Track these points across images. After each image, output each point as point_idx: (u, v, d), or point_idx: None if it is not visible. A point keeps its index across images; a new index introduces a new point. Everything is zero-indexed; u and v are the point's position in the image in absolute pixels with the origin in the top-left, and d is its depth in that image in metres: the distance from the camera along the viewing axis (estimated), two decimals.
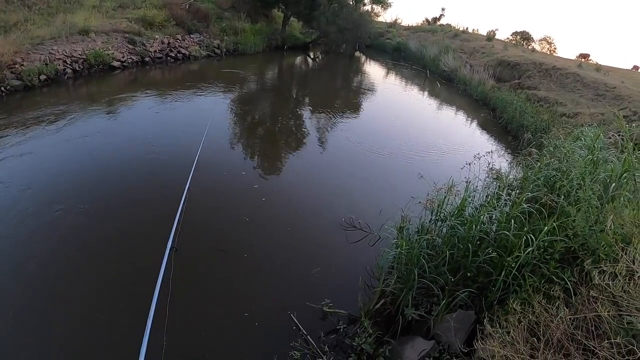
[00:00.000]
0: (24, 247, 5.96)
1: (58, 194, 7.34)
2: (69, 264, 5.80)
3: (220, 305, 5.47)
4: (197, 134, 10.55)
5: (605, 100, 16.36)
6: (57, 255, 5.90)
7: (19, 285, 5.33)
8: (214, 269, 6.12)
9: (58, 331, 4.73)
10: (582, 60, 31.94)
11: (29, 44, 14.42)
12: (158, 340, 4.64)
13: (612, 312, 3.34)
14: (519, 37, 43.59)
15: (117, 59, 17.41)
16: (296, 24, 36.86)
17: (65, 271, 5.66)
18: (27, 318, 4.83)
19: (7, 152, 8.60)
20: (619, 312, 3.38)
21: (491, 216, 5.78)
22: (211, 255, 6.40)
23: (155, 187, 8.19)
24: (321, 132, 13.29)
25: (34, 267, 5.60)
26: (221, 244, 6.67)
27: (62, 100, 12.41)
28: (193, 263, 6.13)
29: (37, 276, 5.47)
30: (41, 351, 4.47)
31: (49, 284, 5.39)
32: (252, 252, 6.56)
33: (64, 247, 6.08)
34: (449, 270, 5.04)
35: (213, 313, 5.30)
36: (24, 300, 5.10)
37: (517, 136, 14.90)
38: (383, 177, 10.23)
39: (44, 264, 5.69)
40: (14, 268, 5.55)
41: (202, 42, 23.55)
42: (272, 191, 8.73)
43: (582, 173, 6.30)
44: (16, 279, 5.40)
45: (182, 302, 5.36)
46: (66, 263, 5.80)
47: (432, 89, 25.50)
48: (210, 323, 5.13)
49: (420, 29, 50.77)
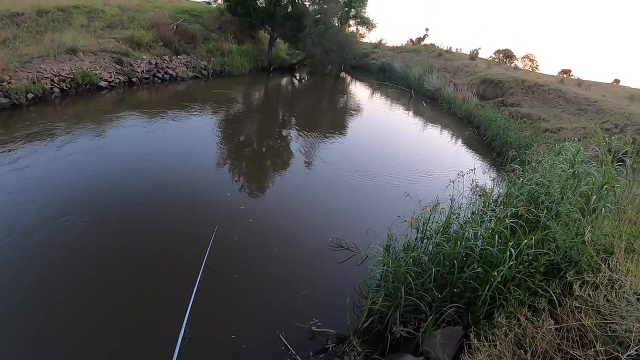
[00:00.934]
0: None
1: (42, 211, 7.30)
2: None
3: (208, 324, 5.43)
4: (186, 153, 10.77)
5: (587, 115, 16.67)
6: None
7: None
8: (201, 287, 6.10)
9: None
10: (563, 76, 32.66)
11: (17, 61, 14.47)
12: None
13: (596, 321, 3.39)
14: (501, 55, 44.50)
15: (104, 79, 17.51)
16: (282, 45, 37.27)
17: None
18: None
19: None
20: (603, 320, 3.42)
21: (476, 232, 5.85)
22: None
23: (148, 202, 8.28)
24: (307, 154, 13.33)
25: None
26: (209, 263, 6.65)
27: (49, 119, 12.39)
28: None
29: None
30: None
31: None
32: (241, 272, 6.54)
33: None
34: (436, 287, 5.07)
35: (202, 332, 5.26)
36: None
37: (501, 153, 15.06)
38: (369, 198, 10.24)
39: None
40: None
41: (189, 63, 23.75)
42: (259, 212, 8.71)
43: (562, 187, 6.40)
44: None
45: (173, 318, 5.32)
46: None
47: (417, 108, 25.82)
48: (197, 342, 5.09)
49: (404, 49, 51.65)
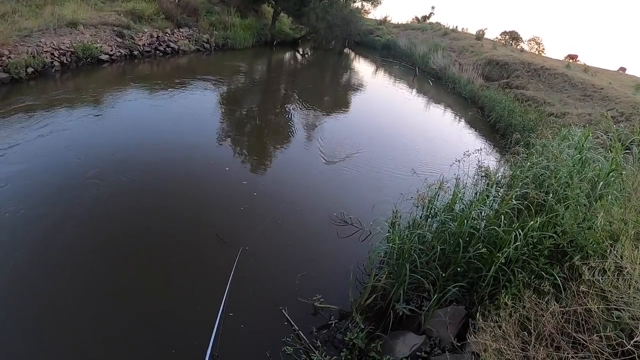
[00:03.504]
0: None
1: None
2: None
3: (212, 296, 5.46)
4: (189, 125, 10.84)
5: (593, 101, 16.56)
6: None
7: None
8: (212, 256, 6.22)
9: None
10: (570, 61, 32.31)
11: (17, 35, 14.12)
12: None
13: (602, 306, 3.41)
14: (507, 37, 44.06)
15: (105, 52, 17.15)
16: (286, 19, 36.69)
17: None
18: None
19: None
20: (607, 306, 3.44)
21: (480, 212, 5.85)
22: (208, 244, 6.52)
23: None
24: (310, 129, 13.28)
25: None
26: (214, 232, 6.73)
27: (51, 93, 12.26)
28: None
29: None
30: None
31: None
32: (245, 245, 6.57)
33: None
34: (440, 266, 5.08)
35: (204, 304, 5.30)
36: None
37: (505, 135, 14.96)
38: (372, 174, 10.21)
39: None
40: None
41: (192, 36, 23.29)
42: (262, 186, 8.72)
43: (570, 172, 6.39)
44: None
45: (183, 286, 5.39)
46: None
47: (422, 86, 25.61)
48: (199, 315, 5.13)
49: (409, 26, 50.89)
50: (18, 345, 4.38)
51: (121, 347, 4.56)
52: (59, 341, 4.49)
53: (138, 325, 4.87)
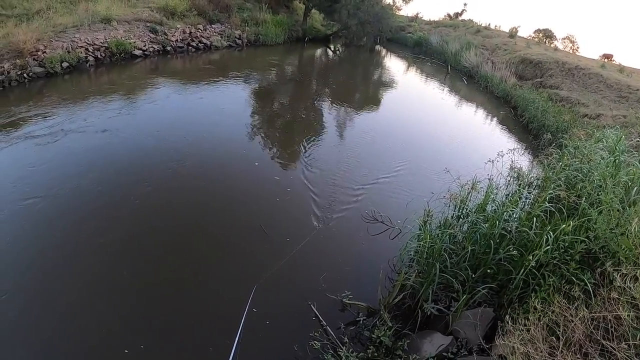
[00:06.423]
0: None
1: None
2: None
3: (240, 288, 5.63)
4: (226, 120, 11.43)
5: (629, 103, 16.11)
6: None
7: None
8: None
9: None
10: (605, 60, 31.41)
11: (52, 31, 14.70)
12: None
13: (632, 314, 3.41)
14: (541, 35, 43.02)
15: (138, 48, 17.68)
16: (317, 16, 36.55)
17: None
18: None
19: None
20: (637, 314, 3.44)
21: (511, 214, 5.84)
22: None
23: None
24: (342, 125, 13.34)
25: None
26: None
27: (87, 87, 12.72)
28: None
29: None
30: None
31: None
32: (275, 239, 6.79)
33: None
34: (469, 267, 5.11)
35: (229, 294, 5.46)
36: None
37: (538, 135, 14.69)
38: (403, 173, 10.17)
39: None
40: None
41: (224, 32, 23.59)
42: (294, 182, 8.85)
43: (603, 175, 6.30)
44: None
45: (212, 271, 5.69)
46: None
47: (454, 84, 25.31)
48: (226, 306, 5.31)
49: (441, 23, 50.14)
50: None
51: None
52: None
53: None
